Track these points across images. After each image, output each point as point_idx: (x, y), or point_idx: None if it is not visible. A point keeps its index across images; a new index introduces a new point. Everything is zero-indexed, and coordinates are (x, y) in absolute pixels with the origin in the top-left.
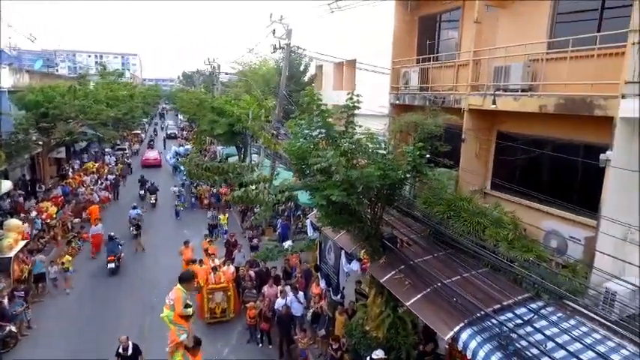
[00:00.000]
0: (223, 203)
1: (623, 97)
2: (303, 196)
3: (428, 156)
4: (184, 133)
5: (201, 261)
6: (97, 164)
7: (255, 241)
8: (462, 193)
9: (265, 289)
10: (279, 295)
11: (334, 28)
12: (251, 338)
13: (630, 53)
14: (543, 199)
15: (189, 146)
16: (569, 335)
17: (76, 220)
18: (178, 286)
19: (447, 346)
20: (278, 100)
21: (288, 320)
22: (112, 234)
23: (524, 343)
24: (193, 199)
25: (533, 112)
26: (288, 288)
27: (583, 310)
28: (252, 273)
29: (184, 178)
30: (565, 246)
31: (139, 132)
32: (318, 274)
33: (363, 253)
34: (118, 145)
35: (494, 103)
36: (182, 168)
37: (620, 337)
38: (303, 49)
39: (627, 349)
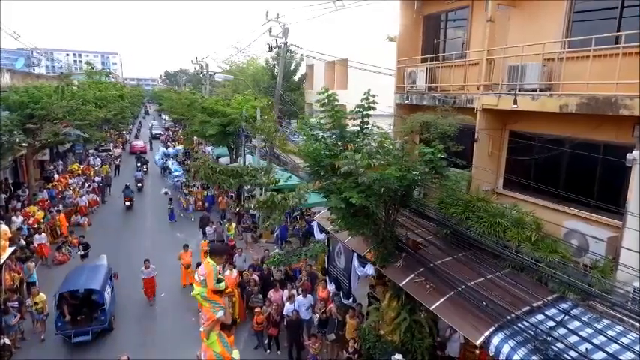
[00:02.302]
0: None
1: None
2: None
3: (443, 156)
4: (170, 133)
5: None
6: (82, 166)
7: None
8: (474, 193)
9: (271, 293)
10: (284, 299)
11: (326, 27)
12: (259, 344)
13: None
14: (559, 199)
15: (179, 147)
16: (604, 336)
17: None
18: (208, 259)
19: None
20: (275, 99)
21: (298, 325)
22: (128, 184)
23: (559, 345)
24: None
25: (547, 112)
26: (294, 292)
27: (613, 310)
28: (255, 277)
29: (176, 180)
30: (587, 245)
31: (124, 132)
32: (326, 277)
33: (374, 256)
34: (102, 146)
35: (515, 102)
36: (174, 169)
37: None
38: (301, 48)
39: None
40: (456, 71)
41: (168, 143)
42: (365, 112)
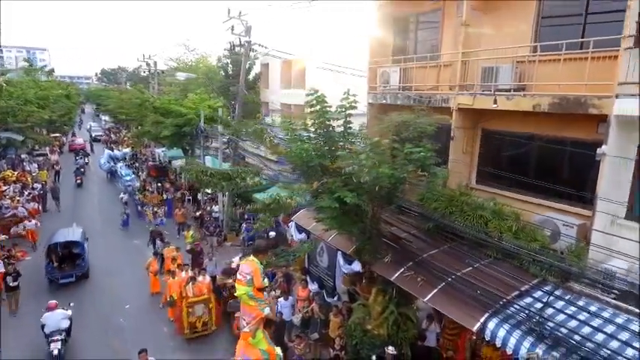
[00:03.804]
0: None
1: (616, 96)
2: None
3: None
4: (112, 135)
5: (171, 272)
6: (16, 172)
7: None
8: (455, 188)
9: None
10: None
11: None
12: None
13: (623, 57)
14: (531, 191)
15: (127, 150)
16: (587, 312)
17: (3, 236)
18: (252, 257)
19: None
20: (238, 99)
21: (282, 327)
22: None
23: (550, 325)
24: (139, 207)
25: (518, 111)
26: (273, 293)
27: (588, 289)
28: (230, 281)
29: (128, 184)
30: (558, 233)
31: (59, 134)
32: (307, 277)
33: (356, 253)
34: (36, 150)
35: (495, 102)
36: (124, 173)
37: (624, 311)
38: (265, 47)
39: (634, 323)
40: (429, 72)
41: (112, 145)
42: (348, 112)
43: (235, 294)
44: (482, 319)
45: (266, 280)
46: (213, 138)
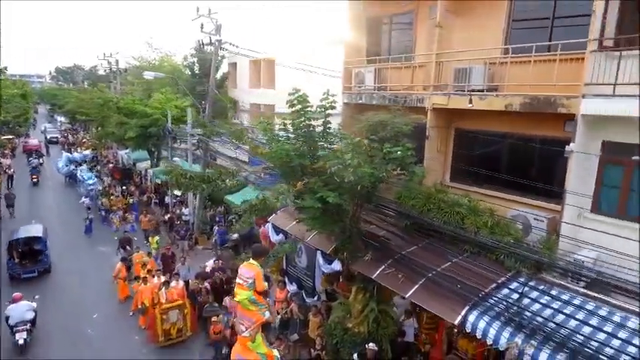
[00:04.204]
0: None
1: (583, 96)
2: (238, 199)
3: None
4: (70, 137)
5: (143, 278)
6: None
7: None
8: (431, 186)
9: (227, 300)
10: None
11: (251, 24)
12: (216, 354)
13: (589, 59)
14: (503, 188)
15: (87, 152)
16: (560, 301)
17: None
18: (252, 261)
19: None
20: (208, 99)
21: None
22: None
23: (527, 314)
24: (103, 212)
25: (490, 110)
26: None
27: (559, 279)
28: (207, 285)
29: (90, 188)
30: (530, 227)
31: (11, 137)
32: (285, 278)
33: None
34: None
35: (470, 102)
36: (86, 177)
37: (592, 298)
38: (236, 46)
39: (603, 309)
40: (404, 72)
41: (70, 148)
42: (327, 112)
43: (236, 299)
44: (462, 312)
45: (266, 283)
46: (182, 139)
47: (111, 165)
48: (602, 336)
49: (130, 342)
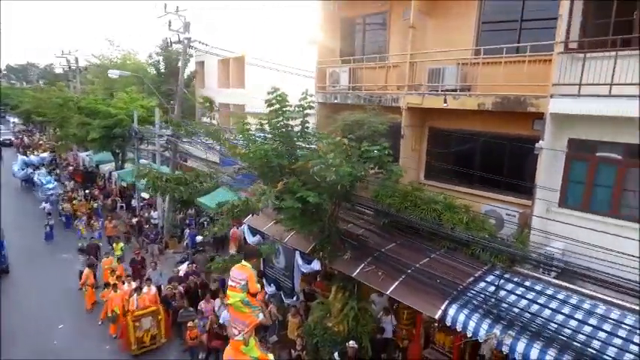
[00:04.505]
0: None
1: (551, 96)
2: (210, 201)
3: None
4: (26, 139)
5: (113, 285)
6: None
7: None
8: (402, 184)
9: (202, 305)
10: (217, 309)
11: (219, 22)
12: None
13: (557, 61)
14: (476, 185)
15: (44, 154)
16: (533, 291)
17: None
18: (244, 263)
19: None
20: (177, 99)
21: None
22: None
23: (504, 305)
24: (64, 218)
25: (462, 109)
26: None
27: (532, 271)
28: (181, 289)
29: (50, 192)
30: (502, 221)
31: None
32: (262, 279)
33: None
34: None
35: (445, 101)
36: (45, 181)
37: (564, 288)
38: (205, 44)
39: (574, 297)
40: (378, 72)
41: (26, 150)
42: (305, 112)
43: (228, 302)
44: (443, 307)
45: (258, 285)
46: (149, 140)
47: (71, 168)
48: (574, 323)
49: (101, 352)
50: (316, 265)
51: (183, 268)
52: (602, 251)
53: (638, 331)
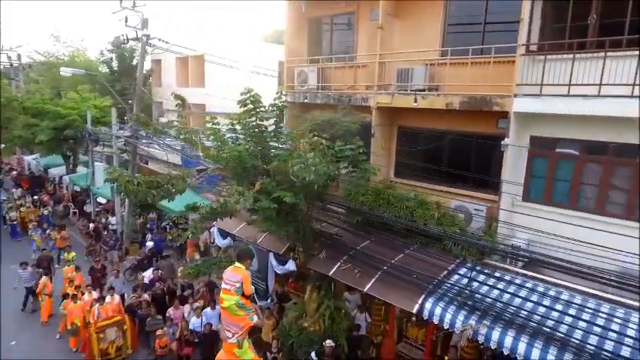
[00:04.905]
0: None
1: (515, 96)
2: (174, 204)
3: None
4: None
5: (72, 296)
6: None
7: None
8: (373, 182)
9: (171, 311)
10: (187, 315)
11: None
12: None
13: (519, 62)
14: (445, 182)
15: None
16: (503, 282)
17: None
18: (238, 264)
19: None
20: (136, 98)
21: (213, 339)
22: None
23: (478, 297)
24: (10, 227)
25: (430, 108)
26: (197, 305)
27: (502, 262)
28: (146, 297)
29: None
30: (470, 216)
31: None
32: None
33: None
34: None
35: (415, 101)
36: None
37: (530, 278)
38: (166, 42)
39: (540, 287)
40: (347, 72)
41: None
42: (279, 112)
43: (222, 305)
44: (419, 301)
45: (252, 287)
46: (105, 142)
47: (15, 172)
48: (542, 309)
49: None
50: (291, 266)
51: (147, 275)
52: (563, 240)
53: (600, 314)
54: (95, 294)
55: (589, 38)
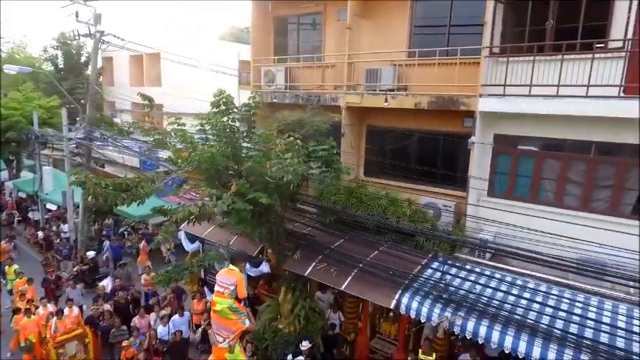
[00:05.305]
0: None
1: (480, 96)
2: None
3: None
4: None
5: (25, 310)
6: None
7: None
8: (345, 181)
9: (136, 320)
10: (153, 323)
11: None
12: None
13: (484, 63)
14: (413, 179)
15: None
16: (474, 273)
17: None
18: (232, 267)
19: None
20: (89, 98)
21: (183, 346)
22: None
23: (451, 290)
24: None
25: (398, 108)
26: (164, 312)
27: (471, 256)
28: (108, 307)
29: None
30: (439, 212)
31: None
32: (204, 288)
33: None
34: None
35: (386, 101)
36: None
37: (499, 270)
38: (122, 39)
39: (508, 277)
40: (315, 72)
41: None
42: (253, 112)
43: (215, 308)
44: (396, 297)
45: (246, 290)
46: (55, 144)
47: None
48: (512, 298)
49: None
50: (265, 268)
51: (107, 284)
52: (526, 232)
53: (563, 300)
54: (51, 307)
55: (547, 42)
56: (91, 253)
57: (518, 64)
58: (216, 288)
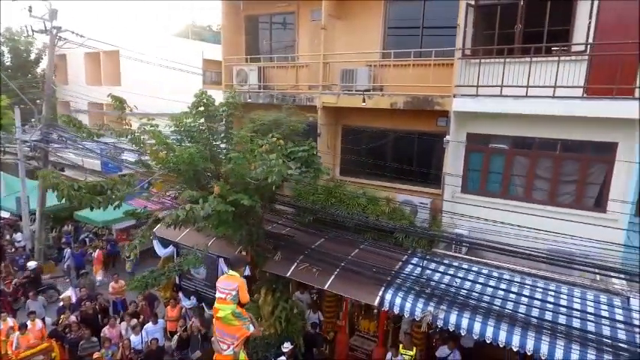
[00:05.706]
0: None
1: (454, 96)
2: (98, 215)
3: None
4: None
5: None
6: None
7: None
8: (323, 181)
9: (106, 331)
10: (124, 332)
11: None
12: None
13: (457, 65)
14: (390, 178)
15: None
16: (453, 267)
17: None
18: (232, 272)
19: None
20: (46, 97)
21: (159, 355)
22: None
23: (432, 284)
24: None
25: (373, 108)
26: (135, 321)
27: (449, 251)
28: (74, 318)
29: None
30: (416, 209)
31: None
32: (178, 294)
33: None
34: None
35: (363, 101)
36: None
37: (475, 263)
38: (82, 36)
39: (484, 269)
40: (289, 72)
41: None
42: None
43: (217, 315)
44: (380, 294)
45: (247, 295)
46: (4, 147)
47: None
48: (489, 290)
49: None
50: (245, 271)
51: (72, 294)
52: (498, 226)
53: (537, 289)
54: (10, 321)
55: (516, 45)
56: (32, 264)
57: (490, 65)
58: (217, 295)
